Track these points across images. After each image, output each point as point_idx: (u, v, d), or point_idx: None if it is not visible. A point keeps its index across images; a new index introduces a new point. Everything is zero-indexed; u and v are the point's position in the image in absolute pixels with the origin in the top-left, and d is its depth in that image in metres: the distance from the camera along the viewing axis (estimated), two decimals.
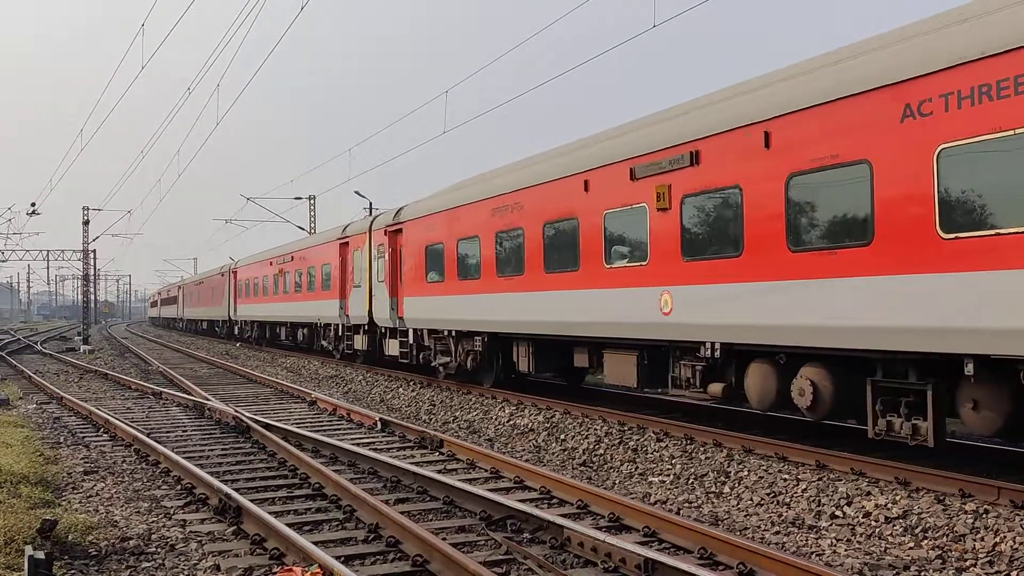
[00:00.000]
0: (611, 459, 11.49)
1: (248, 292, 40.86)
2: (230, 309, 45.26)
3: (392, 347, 21.81)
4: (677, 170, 11.37)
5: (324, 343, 29.00)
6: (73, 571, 6.78)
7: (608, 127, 14.67)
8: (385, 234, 21.94)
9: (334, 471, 9.90)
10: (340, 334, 26.67)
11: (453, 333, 18.29)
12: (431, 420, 15.83)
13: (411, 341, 20.53)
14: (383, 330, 22.67)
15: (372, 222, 23.62)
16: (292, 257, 32.50)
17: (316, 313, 28.80)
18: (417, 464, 10.43)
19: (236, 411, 14.66)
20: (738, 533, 7.77)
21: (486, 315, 16.48)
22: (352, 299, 24.92)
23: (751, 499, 9.09)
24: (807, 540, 7.62)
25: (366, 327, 23.87)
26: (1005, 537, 7.21)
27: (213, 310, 51.32)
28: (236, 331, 45.56)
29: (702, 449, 11.14)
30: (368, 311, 23.16)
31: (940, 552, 7.13)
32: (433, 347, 19.45)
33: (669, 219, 11.52)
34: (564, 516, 7.86)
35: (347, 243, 25.67)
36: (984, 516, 7.68)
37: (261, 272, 37.75)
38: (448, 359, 18.81)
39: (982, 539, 7.27)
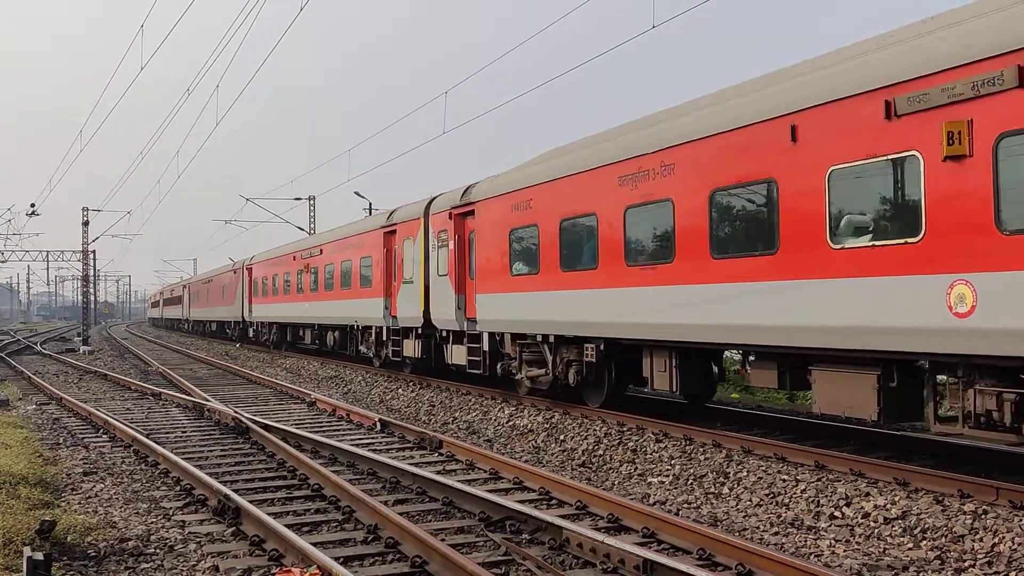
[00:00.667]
0: (610, 460, 11.50)
1: (266, 290, 36.88)
2: (244, 309, 41.22)
3: (457, 355, 18.25)
4: (986, 97, 7.72)
5: (363, 348, 24.96)
6: (72, 572, 6.78)
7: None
8: (450, 218, 18.08)
9: (333, 472, 9.89)
10: (385, 338, 22.79)
11: (551, 338, 14.61)
12: (430, 421, 15.83)
13: (485, 347, 16.82)
14: (444, 334, 18.95)
15: (429, 204, 19.68)
16: (321, 250, 28.54)
17: (352, 313, 24.97)
18: (416, 465, 10.43)
19: (235, 412, 14.67)
20: (737, 534, 7.77)
21: (606, 315, 12.90)
22: (401, 297, 21.25)
23: (750, 500, 9.10)
24: (806, 541, 7.62)
25: (419, 330, 20.24)
26: (1004, 538, 7.21)
27: (224, 310, 47.35)
28: (251, 333, 41.19)
29: (701, 450, 11.14)
30: (423, 311, 19.59)
31: (939, 553, 7.13)
32: (518, 356, 15.79)
33: (969, 172, 7.87)
34: (563, 517, 7.86)
35: (393, 231, 21.92)
36: (983, 517, 7.68)
37: (282, 268, 33.65)
38: (541, 371, 15.23)
39: (981, 540, 7.28)
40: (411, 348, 21.07)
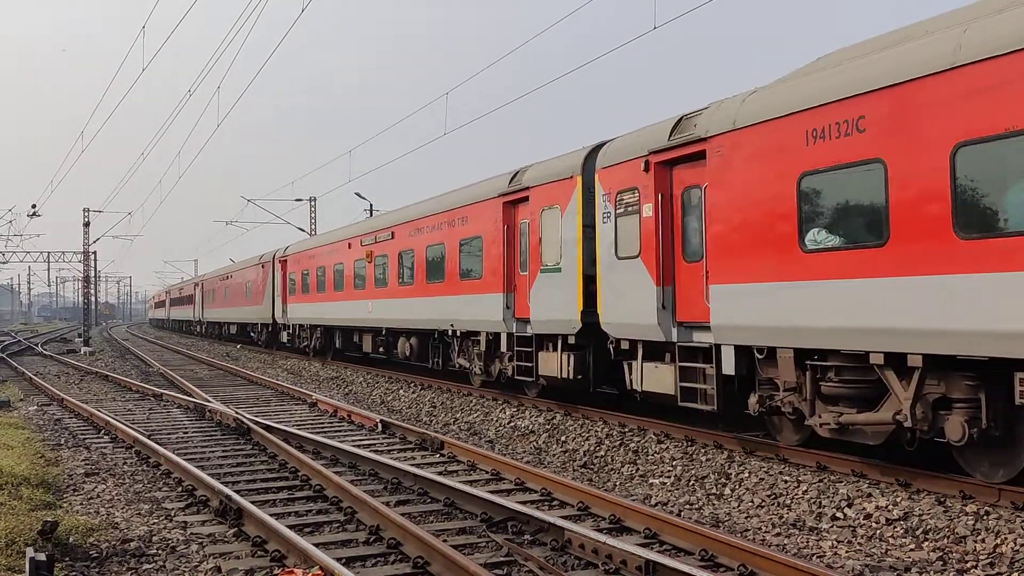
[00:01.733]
0: (612, 461, 11.50)
1: (307, 286, 30.58)
2: (275, 309, 35.10)
3: (656, 379, 12.14)
4: None
5: (461, 361, 18.86)
6: (74, 573, 6.78)
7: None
8: (645, 169, 12.08)
9: (335, 473, 9.90)
10: (504, 348, 16.63)
11: (912, 360, 8.53)
12: (432, 422, 15.84)
13: (728, 370, 10.73)
14: (624, 346, 12.91)
15: (593, 154, 13.95)
16: (393, 233, 22.35)
17: (447, 315, 18.82)
18: (418, 466, 10.43)
19: (237, 413, 14.67)
20: (739, 535, 7.78)
21: None
22: (537, 291, 15.32)
23: (752, 501, 9.10)
24: (808, 542, 7.63)
25: (570, 339, 14.37)
26: (1006, 539, 7.21)
27: (248, 311, 40.36)
28: (284, 338, 34.51)
29: (703, 451, 11.14)
30: (579, 311, 13.92)
31: (941, 554, 7.13)
32: (806, 387, 9.72)
33: None
34: (565, 518, 7.86)
35: (523, 199, 15.87)
36: (985, 518, 7.69)
37: (332, 259, 27.64)
38: (872, 416, 9.12)
39: (983, 541, 7.28)
40: (555, 365, 14.81)
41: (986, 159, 7.78)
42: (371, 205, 43.75)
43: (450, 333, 19.01)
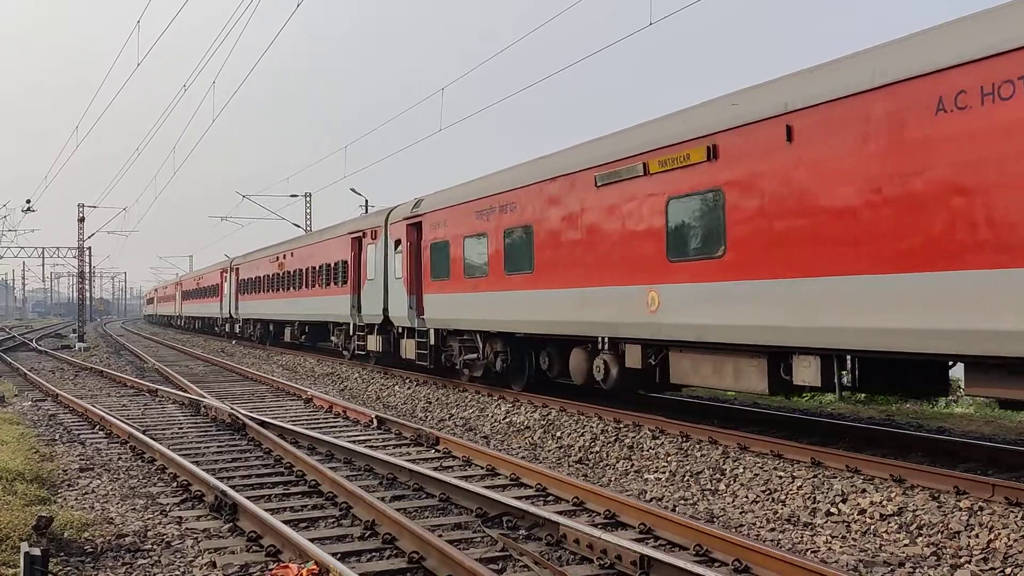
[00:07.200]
0: (607, 456, 11.51)
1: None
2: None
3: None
4: None
5: None
6: (69, 568, 6.77)
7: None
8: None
9: (330, 468, 9.90)
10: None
11: None
12: (427, 417, 15.83)
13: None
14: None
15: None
16: None
17: None
18: (413, 461, 10.43)
19: (232, 408, 14.65)
20: (733, 530, 7.79)
21: None
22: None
23: (746, 496, 9.11)
24: (802, 537, 7.64)
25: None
26: (1000, 534, 7.23)
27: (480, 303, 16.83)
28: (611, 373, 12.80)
29: (698, 446, 11.16)
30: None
31: (935, 549, 7.15)
32: None
33: None
34: (560, 513, 7.87)
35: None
36: (979, 513, 7.71)
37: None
38: None
39: (977, 536, 7.30)
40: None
41: None
42: (367, 201, 43.69)
43: None
